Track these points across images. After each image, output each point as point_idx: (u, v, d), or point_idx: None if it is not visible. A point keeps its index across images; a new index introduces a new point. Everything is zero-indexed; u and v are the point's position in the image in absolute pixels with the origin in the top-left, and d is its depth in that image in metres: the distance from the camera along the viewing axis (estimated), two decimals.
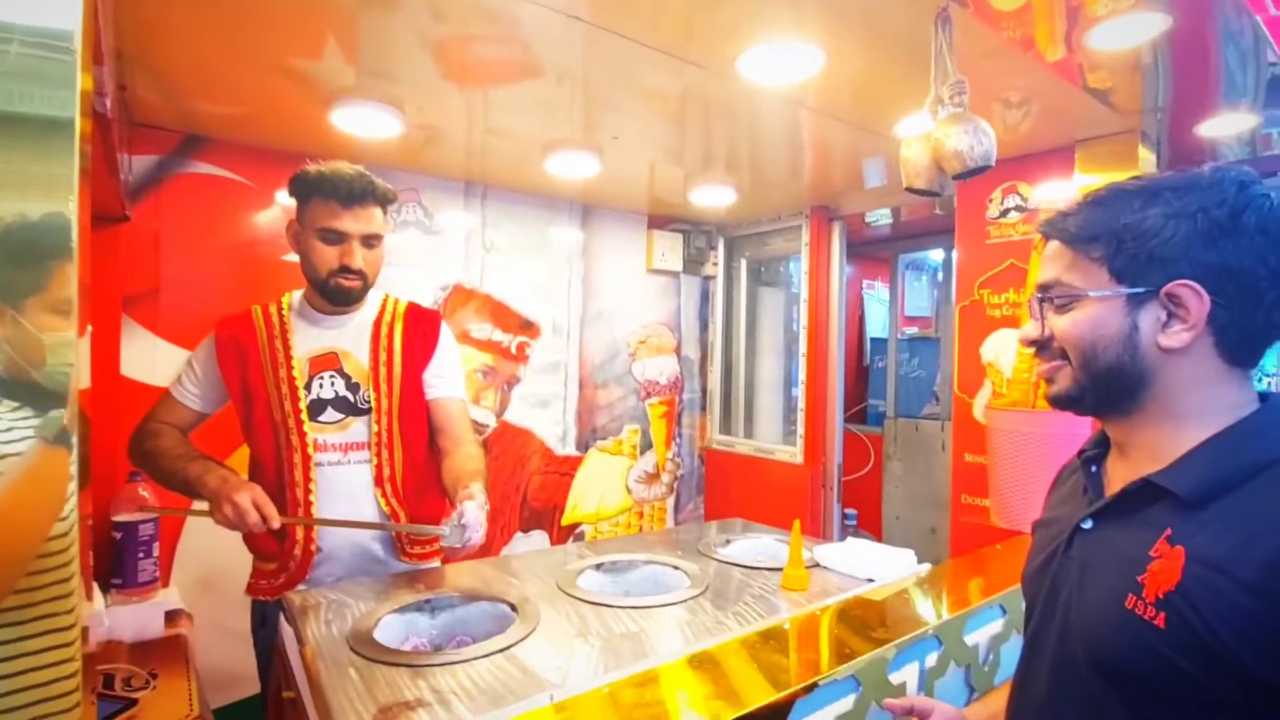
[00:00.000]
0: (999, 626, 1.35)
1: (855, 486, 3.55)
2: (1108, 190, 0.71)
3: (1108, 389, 0.71)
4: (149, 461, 1.40)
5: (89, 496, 0.59)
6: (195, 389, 1.47)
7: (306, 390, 1.42)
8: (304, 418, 1.40)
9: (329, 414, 1.43)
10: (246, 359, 1.43)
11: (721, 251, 3.36)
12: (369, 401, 1.45)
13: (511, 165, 2.41)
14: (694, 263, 3.30)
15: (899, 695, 1.09)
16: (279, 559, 1.41)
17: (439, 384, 1.55)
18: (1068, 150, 2.08)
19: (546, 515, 2.89)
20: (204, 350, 1.47)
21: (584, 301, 2.96)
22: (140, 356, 2.00)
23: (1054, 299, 0.73)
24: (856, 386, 4.12)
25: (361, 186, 1.37)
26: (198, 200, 2.09)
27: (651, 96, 1.79)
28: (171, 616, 1.68)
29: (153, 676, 1.35)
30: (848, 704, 1.02)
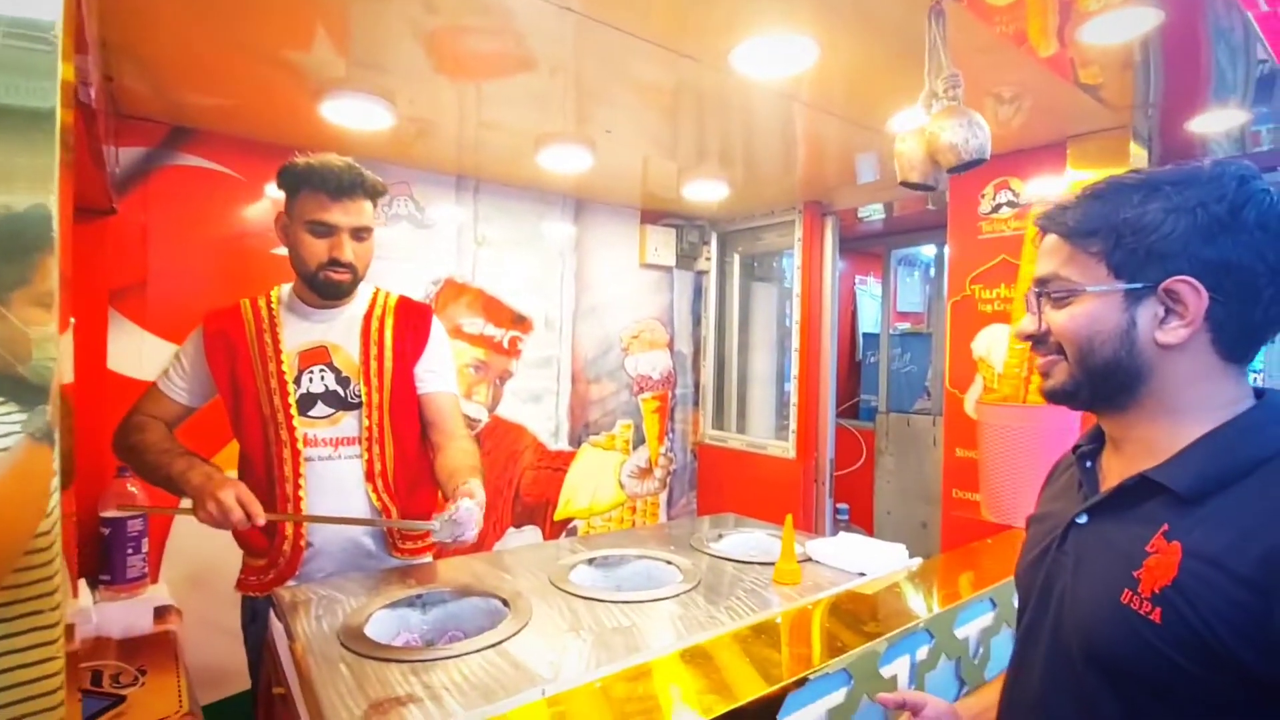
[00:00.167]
0: (989, 620, 1.36)
1: (847, 481, 3.56)
2: (1106, 184, 0.71)
3: (1104, 384, 0.70)
4: (133, 456, 1.39)
5: (72, 493, 0.58)
6: (182, 383, 1.45)
7: (296, 384, 1.41)
8: (293, 412, 1.39)
9: (319, 408, 1.42)
10: (235, 353, 1.42)
11: (714, 246, 3.35)
12: (359, 396, 1.44)
13: (504, 159, 2.40)
14: (687, 258, 3.30)
15: (890, 689, 1.10)
16: (268, 555, 1.40)
17: (431, 378, 1.54)
18: (1060, 146, 2.09)
19: (539, 510, 2.89)
20: (191, 344, 1.46)
21: (576, 296, 2.96)
22: (127, 351, 1.98)
23: (1051, 293, 0.73)
24: (849, 381, 4.13)
25: (351, 179, 1.36)
26: (186, 193, 2.06)
27: (644, 90, 1.78)
28: (161, 613, 1.66)
29: (141, 673, 1.34)
30: (839, 697, 1.03)
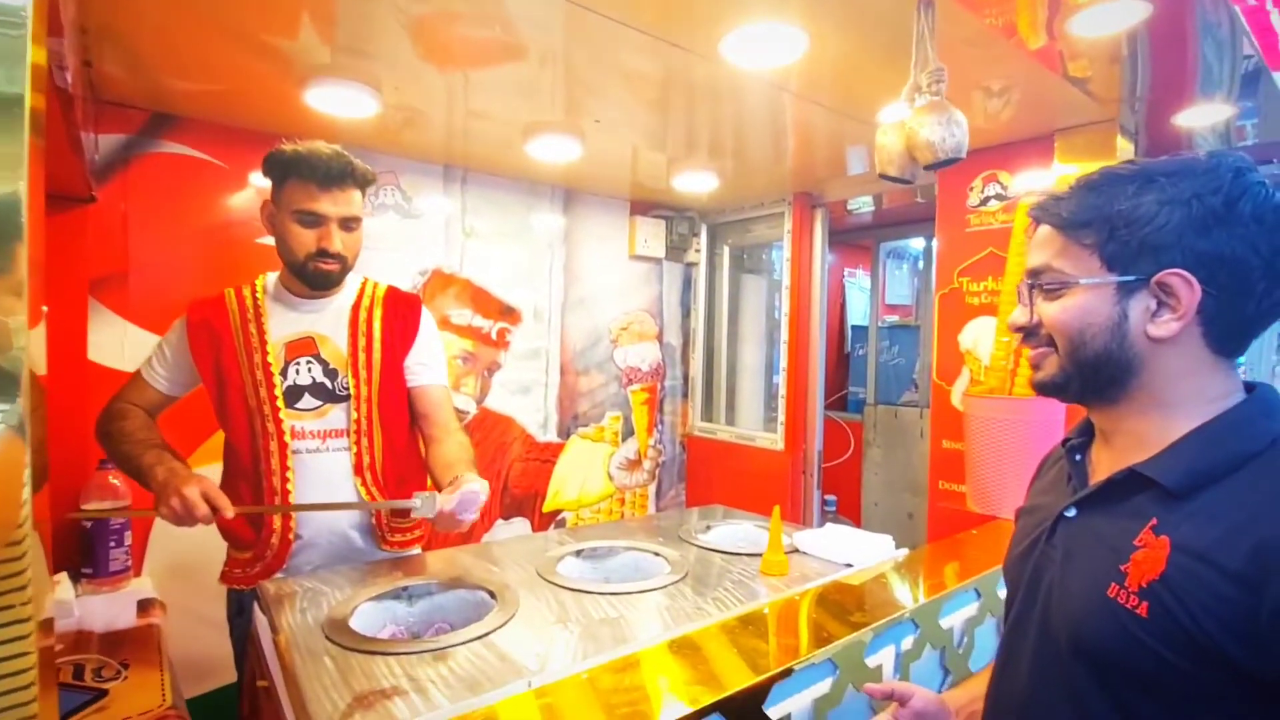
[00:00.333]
0: (973, 610, 1.37)
1: (835, 473, 3.58)
2: (1101, 175, 0.70)
3: (1094, 377, 0.70)
4: (110, 443, 1.37)
5: (48, 486, 0.57)
6: (165, 371, 1.44)
7: (282, 376, 1.39)
8: (280, 404, 1.37)
9: (306, 400, 1.40)
10: (219, 343, 1.40)
11: (704, 238, 3.35)
12: (347, 388, 1.42)
13: (492, 148, 2.37)
14: (676, 249, 3.29)
15: (875, 679, 1.11)
16: (255, 548, 1.38)
17: (423, 371, 1.52)
18: (1047, 139, 2.09)
19: (527, 502, 2.89)
20: (175, 333, 1.44)
21: (565, 288, 2.94)
22: (109, 341, 1.95)
23: (1043, 285, 0.72)
24: (837, 374, 4.15)
25: (340, 167, 1.33)
26: (167, 181, 2.03)
27: (634, 79, 1.77)
28: (144, 606, 1.65)
29: (124, 667, 1.33)
30: (825, 687, 1.03)
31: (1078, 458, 0.79)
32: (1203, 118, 2.01)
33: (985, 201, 2.25)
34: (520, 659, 0.99)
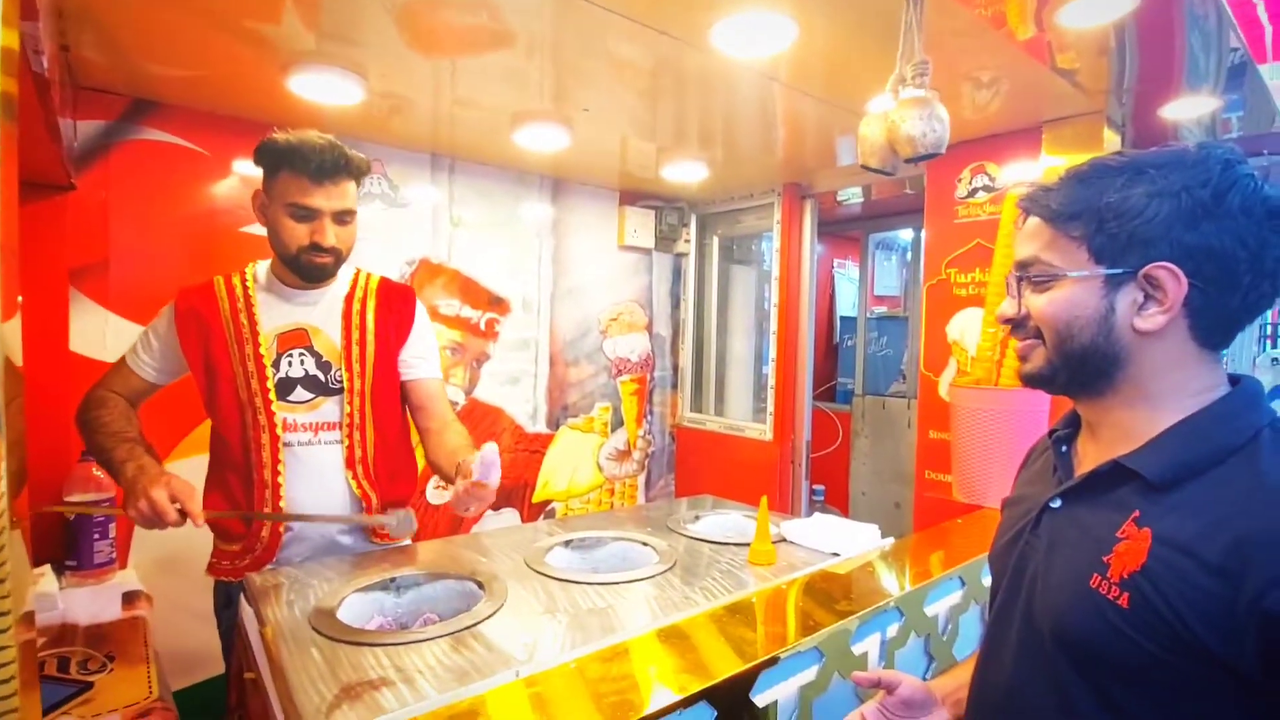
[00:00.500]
0: (958, 598, 1.39)
1: (823, 463, 3.60)
2: (1090, 166, 0.70)
3: (1080, 369, 0.70)
4: (87, 431, 1.33)
5: (28, 479, 0.56)
6: (151, 360, 1.41)
7: (274, 368, 1.37)
8: (271, 397, 1.35)
9: (298, 393, 1.38)
10: (209, 333, 1.37)
11: (694, 228, 3.34)
12: (340, 381, 1.41)
13: (480, 137, 2.35)
14: (666, 240, 3.28)
15: (861, 666, 1.12)
16: (245, 540, 1.37)
17: (419, 364, 1.52)
18: (1035, 131, 2.10)
19: (517, 493, 2.89)
20: (163, 321, 1.41)
21: (554, 278, 2.93)
22: (90, 331, 1.92)
23: (1032, 278, 0.72)
24: (826, 365, 4.17)
25: (334, 160, 1.30)
26: (148, 169, 1.99)
27: (623, 67, 1.75)
28: (130, 598, 1.63)
29: (109, 659, 1.32)
30: (811, 675, 1.04)
31: (1064, 449, 0.79)
32: (1189, 110, 2.02)
33: (973, 193, 2.26)
34: (508, 649, 0.99)
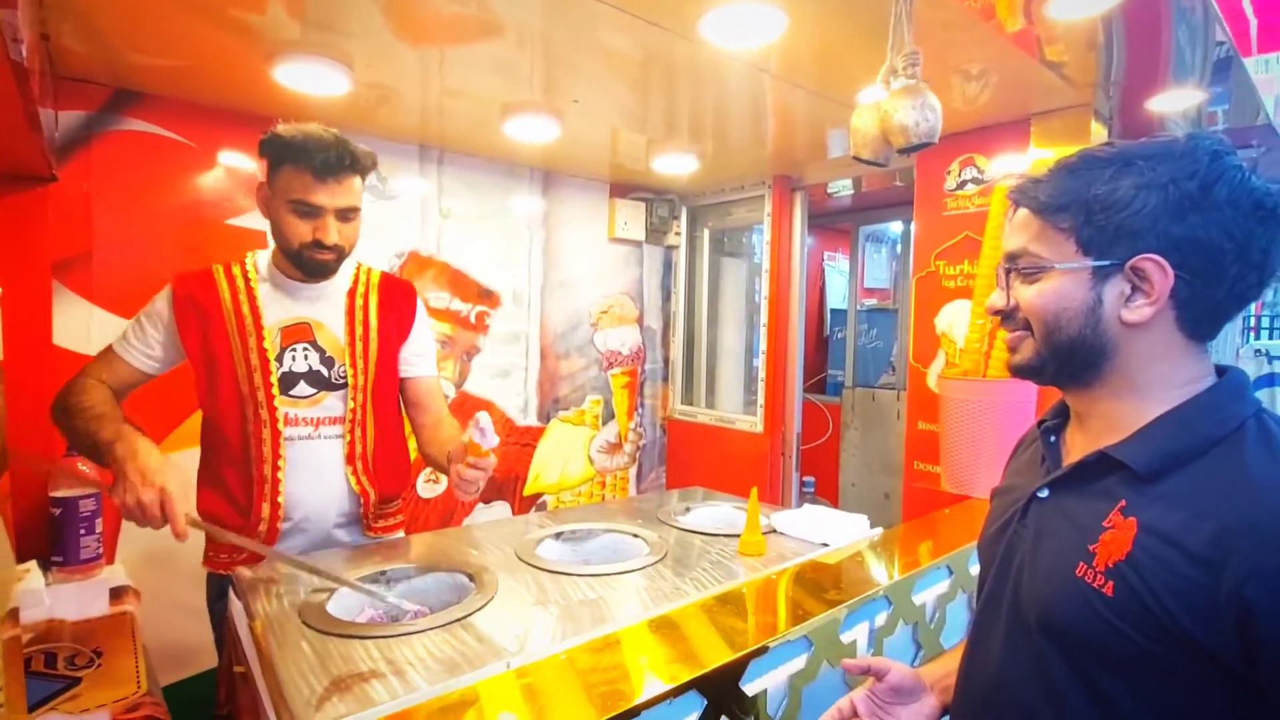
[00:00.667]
0: (945, 587, 1.40)
1: (814, 455, 3.62)
2: (1079, 157, 0.70)
3: (1068, 361, 0.71)
4: (67, 418, 1.24)
5: (8, 473, 0.56)
6: (144, 347, 1.35)
7: (278, 362, 1.35)
8: (275, 392, 1.34)
9: (300, 388, 1.37)
10: (208, 323, 1.34)
11: (684, 221, 3.34)
12: (344, 377, 1.40)
13: (469, 128, 2.34)
14: (656, 232, 3.28)
15: (850, 654, 1.13)
16: (243, 533, 1.36)
17: (418, 362, 1.52)
18: (1024, 123, 2.11)
19: (508, 486, 2.88)
20: (160, 307, 1.36)
21: (545, 271, 2.92)
22: (74, 325, 1.90)
23: (1021, 270, 0.73)
24: (816, 357, 4.18)
25: (338, 157, 1.27)
26: (132, 160, 1.97)
27: (613, 58, 1.75)
28: (117, 594, 1.62)
29: (97, 655, 1.31)
30: (800, 663, 1.05)
31: (1052, 439, 0.80)
32: (1175, 103, 2.04)
33: (962, 185, 2.27)
34: (499, 640, 0.99)
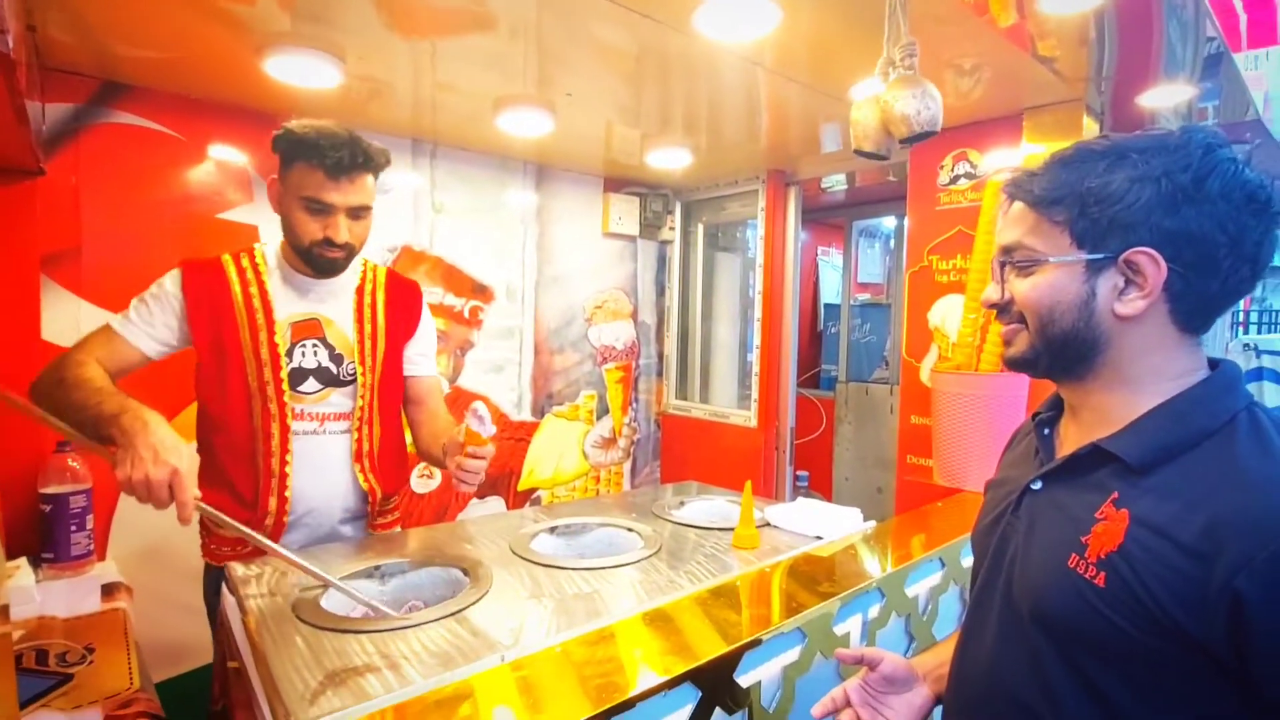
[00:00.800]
0: (937, 579, 1.41)
1: (807, 449, 3.64)
2: (1074, 150, 0.70)
3: (1062, 353, 0.71)
4: (63, 390, 1.13)
5: None
6: (150, 329, 1.30)
7: (288, 357, 1.35)
8: (285, 387, 1.34)
9: (309, 384, 1.37)
10: (219, 313, 1.33)
11: (678, 216, 3.33)
12: (352, 374, 1.40)
13: (462, 121, 2.32)
14: (651, 227, 3.27)
15: (843, 646, 1.14)
16: (248, 526, 1.34)
17: (422, 361, 1.53)
18: (1016, 118, 2.11)
19: (502, 481, 2.88)
20: (170, 290, 1.32)
21: (539, 266, 2.91)
22: (63, 319, 1.88)
23: (1016, 263, 0.73)
24: (810, 352, 4.19)
25: (352, 156, 1.27)
26: (121, 153, 1.95)
27: (606, 51, 1.74)
28: (109, 590, 1.61)
29: (89, 651, 1.30)
30: (793, 655, 1.06)
31: (1046, 432, 0.80)
32: (1166, 98, 2.05)
33: (955, 180, 2.27)
34: (494, 634, 1.00)
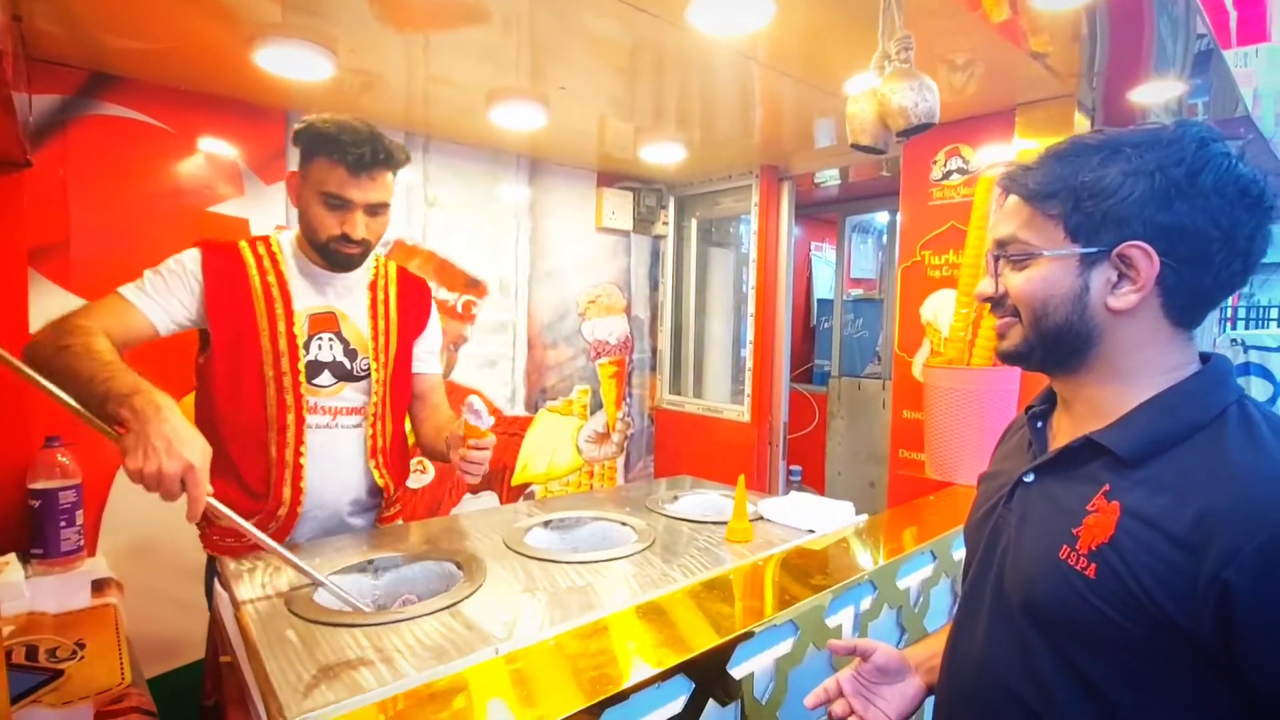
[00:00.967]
0: (929, 571, 1.42)
1: (800, 444, 3.64)
2: (1069, 144, 0.71)
3: (1055, 347, 0.72)
4: (65, 357, 1.04)
5: None
6: (165, 303, 1.25)
7: (305, 350, 1.35)
8: (302, 379, 1.33)
9: (324, 377, 1.37)
10: (237, 299, 1.31)
11: (672, 211, 3.33)
12: (365, 370, 1.41)
13: (455, 115, 2.31)
14: (644, 222, 3.27)
15: (835, 638, 1.14)
16: (258, 518, 1.32)
17: (430, 359, 1.55)
18: (1008, 113, 2.12)
19: (496, 476, 2.88)
20: (191, 268, 1.28)
21: (532, 260, 2.91)
22: (51, 313, 1.78)
23: (1010, 256, 0.73)
24: (803, 346, 4.20)
25: (373, 153, 1.26)
26: (109, 145, 1.93)
27: (600, 45, 1.73)
28: (99, 586, 1.60)
29: (80, 647, 1.30)
30: (786, 647, 1.06)
31: (1039, 424, 0.81)
32: (1157, 94, 2.06)
33: (947, 175, 2.28)
34: (488, 627, 1.00)
